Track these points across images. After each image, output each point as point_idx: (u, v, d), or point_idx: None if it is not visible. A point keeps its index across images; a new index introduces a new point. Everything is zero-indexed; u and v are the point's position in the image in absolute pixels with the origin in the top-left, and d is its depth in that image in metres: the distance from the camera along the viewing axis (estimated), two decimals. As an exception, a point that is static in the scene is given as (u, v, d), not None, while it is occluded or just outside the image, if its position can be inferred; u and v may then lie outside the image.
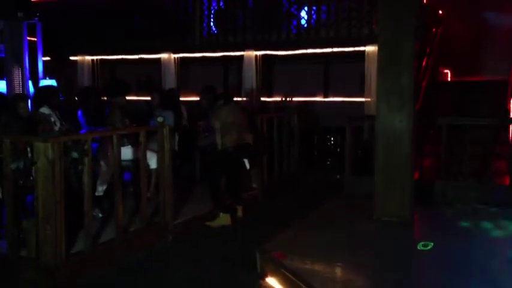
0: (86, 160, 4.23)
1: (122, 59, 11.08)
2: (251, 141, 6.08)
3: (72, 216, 4.32)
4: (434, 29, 9.81)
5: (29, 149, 4.29)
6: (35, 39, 8.32)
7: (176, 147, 7.09)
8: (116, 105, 6.02)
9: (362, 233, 5.15)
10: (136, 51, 10.79)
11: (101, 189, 5.66)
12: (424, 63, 9.00)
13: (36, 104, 5.85)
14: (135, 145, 5.74)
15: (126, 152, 5.69)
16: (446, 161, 6.45)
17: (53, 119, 5.76)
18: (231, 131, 5.87)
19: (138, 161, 5.24)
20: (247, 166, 5.99)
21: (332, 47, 9.42)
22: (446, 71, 10.74)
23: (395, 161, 5.21)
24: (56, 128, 5.81)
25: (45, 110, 5.79)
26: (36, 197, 3.99)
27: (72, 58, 11.28)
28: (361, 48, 9.05)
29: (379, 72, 5.22)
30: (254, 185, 7.06)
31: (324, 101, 10.49)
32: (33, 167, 3.98)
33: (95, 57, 11.23)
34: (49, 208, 3.93)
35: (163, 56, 10.50)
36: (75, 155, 4.16)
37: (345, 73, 10.03)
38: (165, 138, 5.18)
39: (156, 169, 5.90)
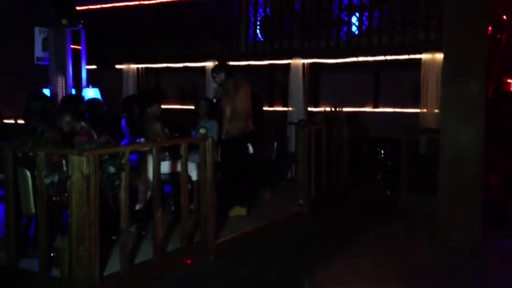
0: (123, 175, 3.92)
1: (167, 67, 10.90)
2: (253, 128, 6.15)
3: (107, 232, 4.02)
4: (498, 36, 9.13)
5: (64, 162, 4.02)
6: (79, 47, 8.20)
7: (219, 159, 6.75)
8: (151, 115, 5.72)
9: (425, 262, 4.63)
10: (181, 60, 10.58)
11: (138, 207, 5.38)
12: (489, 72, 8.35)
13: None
14: (175, 158, 5.44)
15: (165, 166, 5.39)
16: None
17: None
18: (240, 119, 5.96)
19: (178, 175, 4.94)
20: (251, 150, 6.04)
21: (385, 54, 8.90)
22: (510, 81, 9.99)
23: (461, 179, 4.67)
24: (93, 140, 5.59)
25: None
26: (70, 214, 3.71)
27: (117, 66, 11.19)
28: (417, 56, 8.49)
29: (445, 80, 4.70)
30: (300, 201, 6.61)
31: (374, 112, 9.96)
32: (68, 182, 3.69)
33: (140, 66, 11.10)
34: (83, 227, 3.63)
35: (208, 64, 10.22)
36: (111, 169, 3.85)
37: (397, 82, 9.49)
38: (208, 152, 4.83)
39: (197, 181, 5.63)
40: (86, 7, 10.28)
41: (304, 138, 6.61)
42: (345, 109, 9.34)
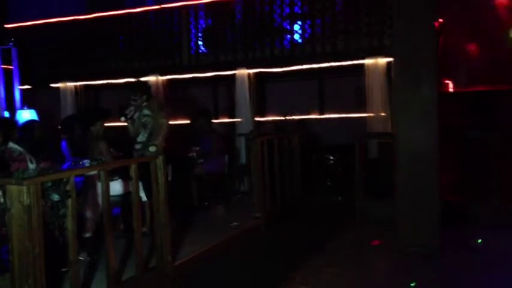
0: (69, 202, 3.61)
1: (107, 83, 10.48)
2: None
3: (56, 265, 3.69)
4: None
5: (0, 193, 3.66)
6: (11, 66, 7.68)
7: (170, 177, 6.48)
8: (95, 134, 5.40)
9: (385, 269, 4.56)
10: (122, 75, 10.20)
11: (87, 235, 5.05)
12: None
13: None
14: (125, 177, 5.15)
15: (115, 187, 5.09)
16: (471, 178, 5.90)
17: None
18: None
19: (130, 195, 4.66)
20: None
21: (328, 61, 8.93)
22: (447, 81, 10.29)
23: (419, 183, 4.65)
24: (31, 166, 5.20)
25: (13, 145, 5.17)
26: (11, 250, 3.35)
27: (54, 85, 10.64)
28: (360, 62, 8.57)
29: (397, 84, 4.68)
30: (257, 214, 6.42)
31: (321, 118, 10.00)
32: (6, 215, 3.34)
33: (77, 83, 10.61)
34: (26, 264, 3.29)
35: (151, 78, 9.91)
36: (55, 197, 3.53)
37: (341, 88, 9.58)
38: (160, 170, 4.57)
39: (148, 201, 5.37)
40: (16, 24, 9.74)
41: (256, 150, 6.45)
42: (292, 117, 9.28)
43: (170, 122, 9.62)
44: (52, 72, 10.50)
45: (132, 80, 10.04)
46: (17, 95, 7.61)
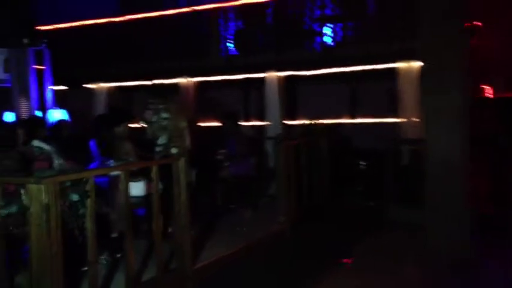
0: (88, 202, 3.60)
1: (140, 85, 10.58)
2: None
3: (76, 264, 3.70)
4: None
5: (22, 191, 3.68)
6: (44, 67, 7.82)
7: (193, 179, 6.46)
8: (120, 135, 5.41)
9: (416, 278, 4.39)
10: (152, 76, 10.28)
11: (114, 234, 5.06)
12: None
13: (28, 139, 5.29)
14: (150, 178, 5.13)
15: (138, 188, 5.08)
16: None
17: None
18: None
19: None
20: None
21: (359, 64, 8.77)
22: (485, 86, 9.94)
23: (448, 191, 4.47)
24: (55, 165, 5.25)
25: (39, 144, 5.23)
26: (30, 248, 3.36)
27: (87, 86, 10.81)
28: (392, 65, 8.37)
29: (425, 89, 4.52)
30: (281, 219, 6.33)
31: (352, 123, 9.80)
32: (27, 214, 3.35)
33: (110, 84, 10.75)
34: (44, 262, 3.29)
35: (181, 80, 9.95)
36: (74, 197, 3.53)
37: (373, 92, 9.35)
38: (181, 172, 4.54)
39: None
40: (50, 27, 9.94)
41: (282, 153, 6.37)
42: (322, 121, 9.14)
43: (200, 124, 9.83)
44: (85, 73, 10.68)
45: (163, 81, 10.22)
46: (49, 95, 7.71)
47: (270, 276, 4.86)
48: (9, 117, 7.21)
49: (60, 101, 8.80)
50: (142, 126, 5.66)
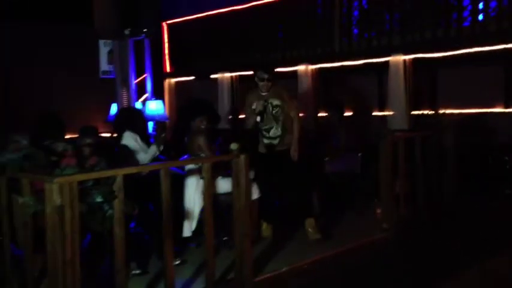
0: (116, 204, 3.27)
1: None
2: None
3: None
4: None
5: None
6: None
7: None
8: (194, 129, 5.05)
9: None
10: (275, 65, 9.86)
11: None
12: None
13: (118, 130, 5.20)
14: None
15: (225, 184, 4.73)
16: None
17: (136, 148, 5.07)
18: None
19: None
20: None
21: (505, 42, 7.28)
22: None
23: None
24: (140, 156, 5.10)
25: (128, 135, 5.12)
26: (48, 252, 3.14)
27: (213, 76, 10.82)
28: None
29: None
30: (384, 225, 5.44)
31: (504, 112, 8.26)
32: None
33: (233, 74, 10.61)
34: (55, 269, 3.04)
35: (300, 68, 9.36)
36: (99, 198, 3.22)
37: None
38: (241, 172, 4.01)
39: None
40: (175, 20, 10.11)
41: (387, 150, 5.46)
42: (454, 111, 7.87)
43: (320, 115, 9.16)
44: (209, 64, 10.71)
45: (282, 69, 9.74)
46: (149, 86, 7.74)
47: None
48: (114, 108, 7.39)
49: (180, 92, 8.81)
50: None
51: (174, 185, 4.86)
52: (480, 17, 7.60)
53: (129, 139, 5.12)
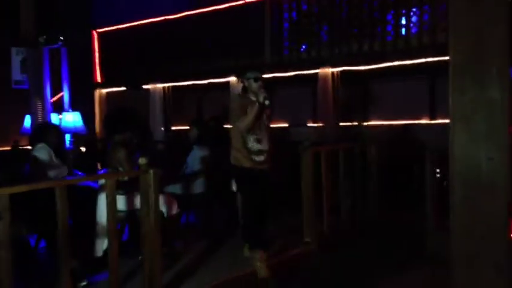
0: (1, 225, 3.04)
1: (192, 84, 10.14)
2: None
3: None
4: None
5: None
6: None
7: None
8: (118, 142, 4.84)
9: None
10: (204, 76, 9.78)
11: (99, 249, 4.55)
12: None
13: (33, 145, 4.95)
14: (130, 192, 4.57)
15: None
16: None
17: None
18: None
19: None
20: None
21: (426, 56, 7.51)
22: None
23: (483, 219, 3.31)
24: (51, 173, 4.84)
25: (42, 147, 4.87)
26: None
27: (145, 87, 10.59)
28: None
29: (453, 84, 3.39)
30: (306, 239, 5.40)
31: (431, 123, 8.52)
32: None
33: (165, 85, 10.44)
34: None
35: (232, 79, 9.30)
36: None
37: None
38: (150, 188, 3.85)
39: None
40: (106, 29, 9.84)
41: (307, 162, 5.44)
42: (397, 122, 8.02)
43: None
44: (141, 74, 10.49)
45: (215, 80, 9.63)
46: (66, 97, 7.44)
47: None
48: (28, 120, 7.04)
49: (112, 102, 8.52)
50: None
51: (91, 199, 4.75)
52: (403, 31, 7.82)
53: (42, 151, 4.87)
